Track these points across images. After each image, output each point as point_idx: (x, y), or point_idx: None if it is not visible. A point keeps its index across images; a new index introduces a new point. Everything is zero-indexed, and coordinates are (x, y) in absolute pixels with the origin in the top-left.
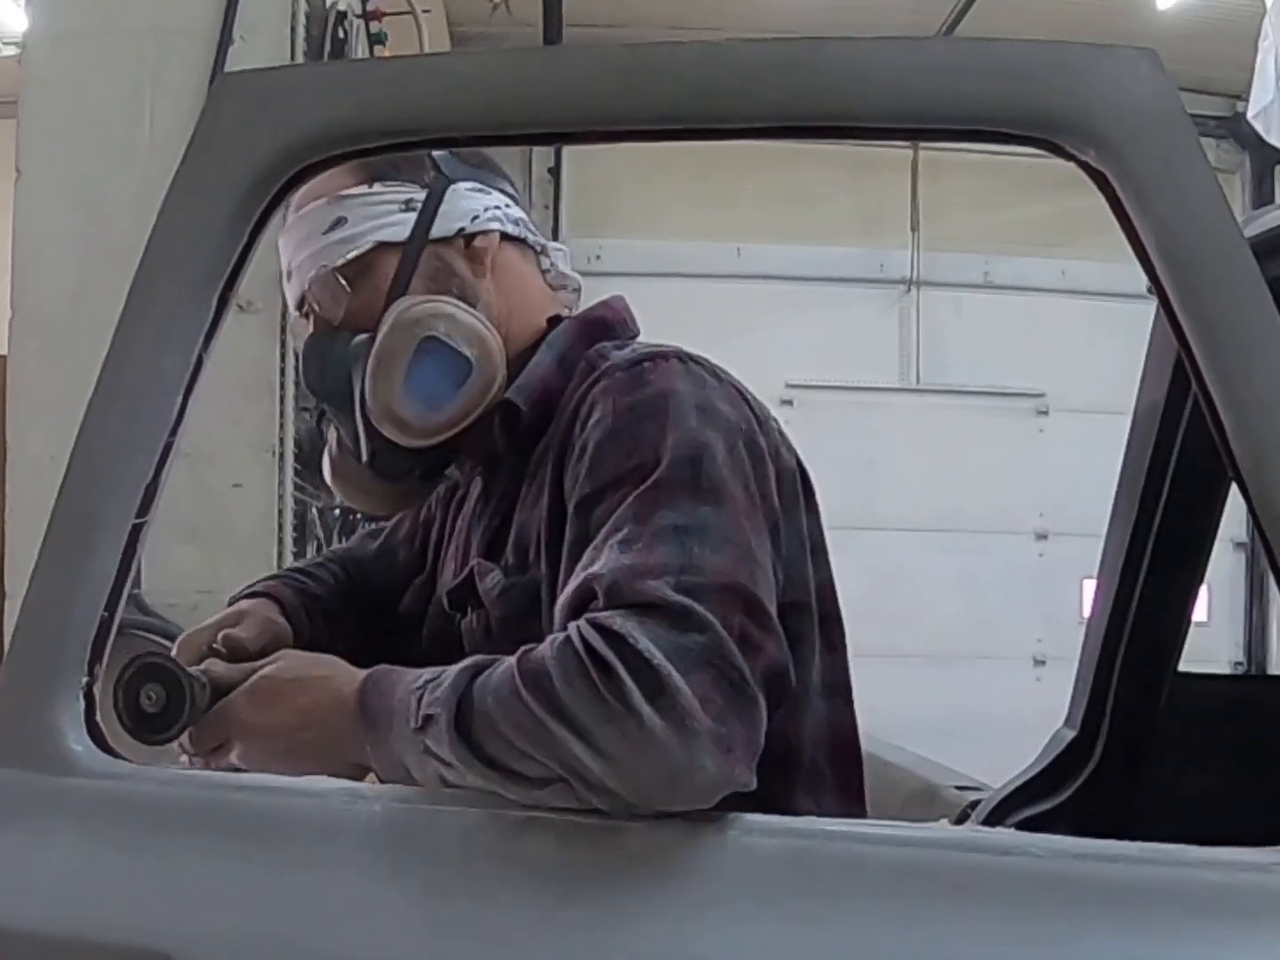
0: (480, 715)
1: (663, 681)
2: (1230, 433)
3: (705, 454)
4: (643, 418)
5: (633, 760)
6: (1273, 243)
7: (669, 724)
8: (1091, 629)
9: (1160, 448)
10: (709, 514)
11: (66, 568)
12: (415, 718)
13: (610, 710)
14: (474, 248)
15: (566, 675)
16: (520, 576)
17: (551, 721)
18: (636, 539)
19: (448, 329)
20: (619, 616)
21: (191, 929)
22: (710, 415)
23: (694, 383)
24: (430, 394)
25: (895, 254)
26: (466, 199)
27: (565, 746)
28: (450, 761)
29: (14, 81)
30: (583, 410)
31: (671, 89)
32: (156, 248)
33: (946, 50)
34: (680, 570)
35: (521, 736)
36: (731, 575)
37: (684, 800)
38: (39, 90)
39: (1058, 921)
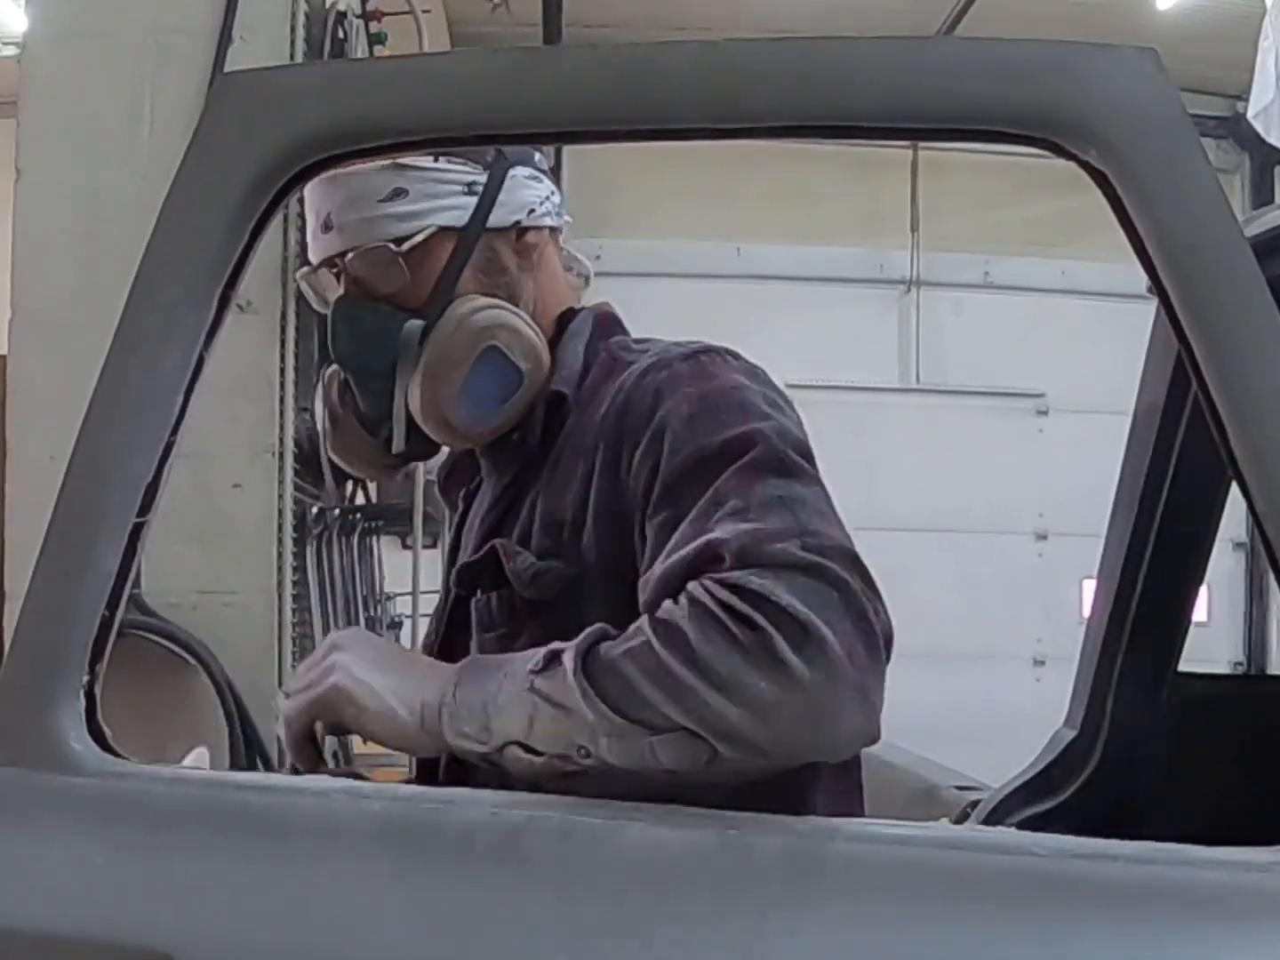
0: (607, 664)
1: (809, 633)
2: (1230, 433)
3: (787, 438)
4: (720, 406)
5: (780, 709)
6: (1273, 243)
7: (818, 673)
8: (1091, 629)
9: (1160, 448)
10: (803, 489)
11: (67, 568)
12: (538, 660)
13: (756, 661)
14: (524, 241)
15: (704, 631)
16: (554, 561)
17: (689, 674)
18: (747, 510)
19: (509, 341)
20: (754, 576)
21: (191, 929)
22: (776, 405)
23: (751, 376)
24: (480, 403)
25: (895, 254)
26: (524, 188)
27: (699, 697)
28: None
29: (14, 81)
30: (637, 398)
31: (671, 89)
32: (157, 248)
33: (946, 50)
34: (801, 534)
35: (651, 685)
36: (842, 541)
37: (827, 749)
38: (39, 90)
39: (1058, 921)
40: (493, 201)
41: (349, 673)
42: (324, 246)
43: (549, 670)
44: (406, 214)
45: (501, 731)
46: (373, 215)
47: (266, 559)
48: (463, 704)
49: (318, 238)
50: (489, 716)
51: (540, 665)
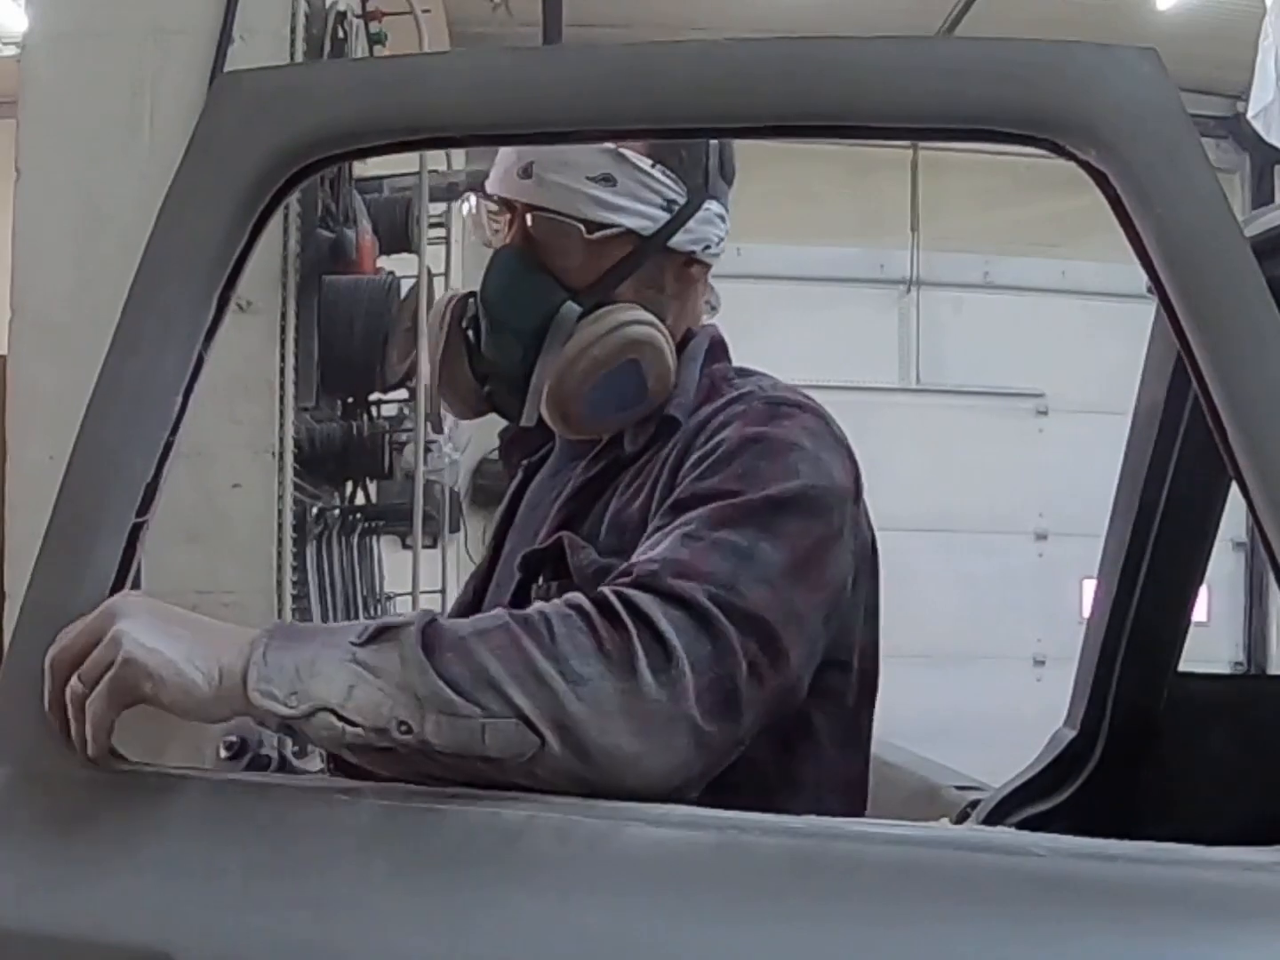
0: (452, 640)
1: (670, 659)
2: (1230, 433)
3: (796, 505)
4: (764, 454)
5: (619, 716)
6: (1273, 243)
7: (664, 694)
8: (1091, 629)
9: (1160, 448)
10: (768, 552)
11: (66, 568)
12: (360, 633)
13: (612, 665)
14: (688, 271)
15: (570, 626)
16: (617, 560)
17: (540, 658)
18: (697, 541)
19: (650, 360)
20: (645, 597)
21: (191, 929)
22: (819, 474)
23: (818, 441)
24: (600, 406)
25: (895, 254)
26: (710, 223)
27: (548, 682)
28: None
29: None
30: (711, 424)
31: (671, 89)
32: (156, 248)
33: (946, 50)
34: (723, 585)
35: (498, 664)
36: (763, 610)
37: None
38: (39, 90)
39: (1058, 921)
40: (683, 224)
41: (139, 644)
42: (516, 189)
43: (376, 643)
44: (607, 202)
45: (314, 696)
46: (577, 188)
47: (266, 559)
48: (273, 665)
49: (511, 177)
50: (301, 679)
51: (365, 637)
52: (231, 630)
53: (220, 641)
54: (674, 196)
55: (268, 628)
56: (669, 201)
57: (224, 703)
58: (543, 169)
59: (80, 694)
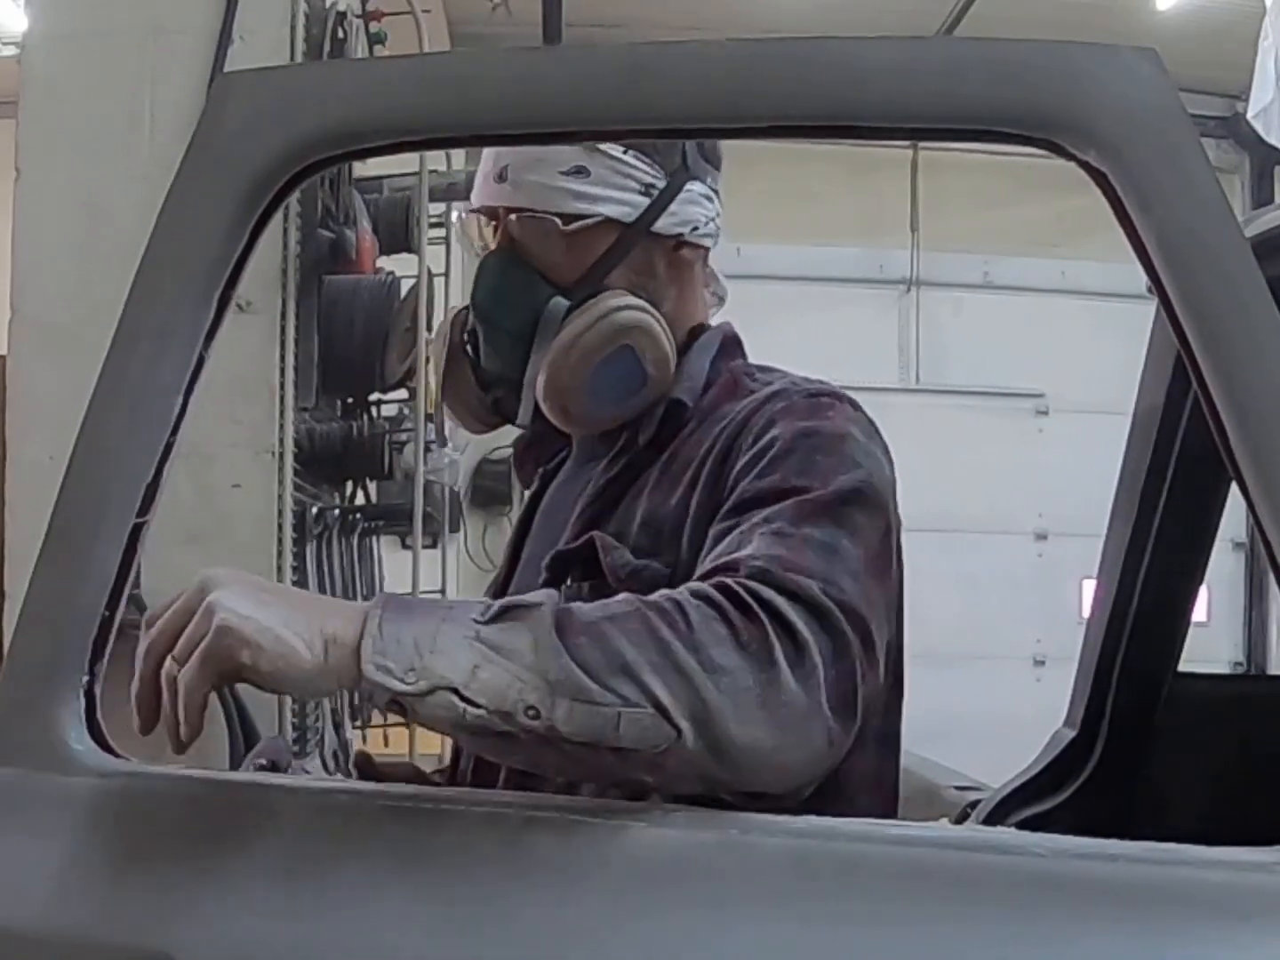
0: (587, 624)
1: (805, 654)
2: (1230, 432)
3: (861, 497)
4: (820, 448)
5: (759, 709)
6: (1273, 243)
7: (802, 689)
8: (1091, 629)
9: (1160, 448)
10: (849, 547)
11: (67, 568)
12: (484, 612)
13: (751, 656)
14: (680, 254)
15: (704, 615)
16: (652, 560)
17: (680, 648)
18: (789, 537)
19: (645, 344)
20: (768, 590)
21: (191, 929)
22: (872, 463)
23: (863, 430)
24: (601, 395)
25: (895, 254)
26: (695, 204)
27: (687, 673)
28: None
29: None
30: (753, 421)
31: (671, 89)
32: (157, 248)
33: (946, 50)
34: (825, 579)
35: (636, 652)
36: (859, 605)
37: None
38: (39, 90)
39: (1058, 921)
40: (665, 207)
41: (234, 611)
42: (493, 194)
43: (502, 622)
44: (582, 194)
45: (436, 674)
46: (550, 184)
47: (266, 559)
48: (389, 637)
49: (489, 184)
50: (421, 654)
51: (491, 616)
52: (334, 602)
53: (324, 611)
54: (652, 180)
55: (381, 598)
56: (646, 186)
57: (331, 675)
58: (517, 171)
59: (175, 675)
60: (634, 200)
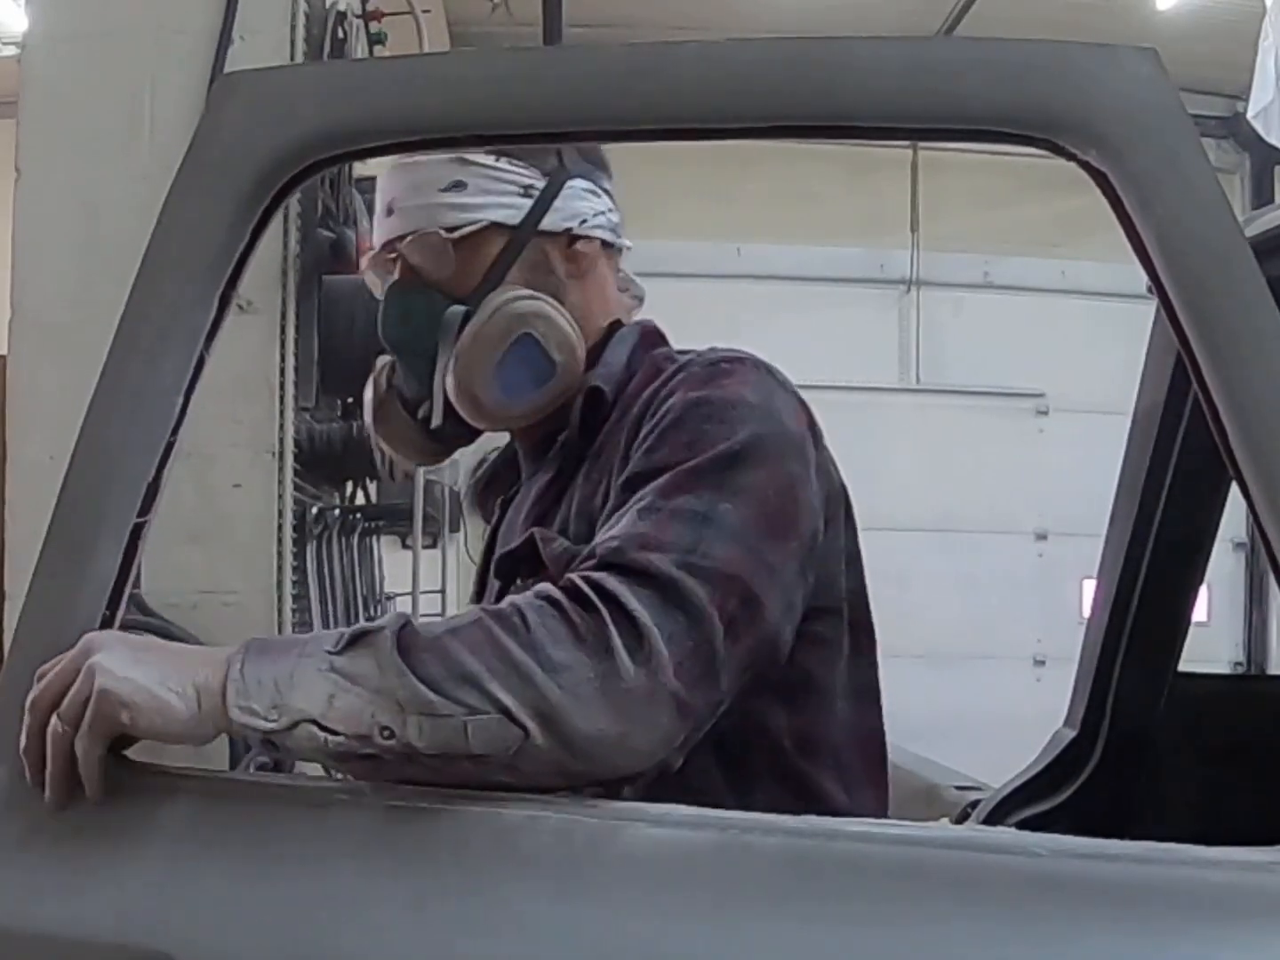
0: (428, 639)
1: (644, 638)
2: (1230, 433)
3: (749, 458)
4: (709, 416)
5: (600, 699)
6: (1273, 243)
7: (642, 673)
8: (1091, 629)
9: (1160, 448)
10: (729, 511)
11: (67, 568)
12: (337, 641)
13: (587, 650)
14: (575, 249)
15: (543, 615)
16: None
17: (517, 650)
18: (655, 511)
19: (545, 330)
20: (612, 578)
21: (191, 929)
22: (769, 423)
23: (762, 391)
24: (513, 387)
25: (895, 254)
26: (580, 199)
27: (527, 673)
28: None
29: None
30: (658, 397)
31: (671, 89)
32: (157, 248)
33: (946, 50)
34: (686, 550)
35: (476, 660)
36: (733, 568)
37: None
38: (39, 90)
39: (1058, 921)
40: (548, 205)
41: (111, 673)
42: (385, 230)
43: (352, 650)
44: (462, 205)
45: (295, 708)
46: (430, 203)
47: (267, 559)
48: (250, 679)
49: (381, 222)
50: (280, 692)
51: (341, 645)
52: (205, 651)
53: (194, 662)
54: (530, 182)
55: (243, 643)
56: (525, 188)
57: (205, 723)
58: (400, 201)
59: (60, 734)
60: (516, 202)
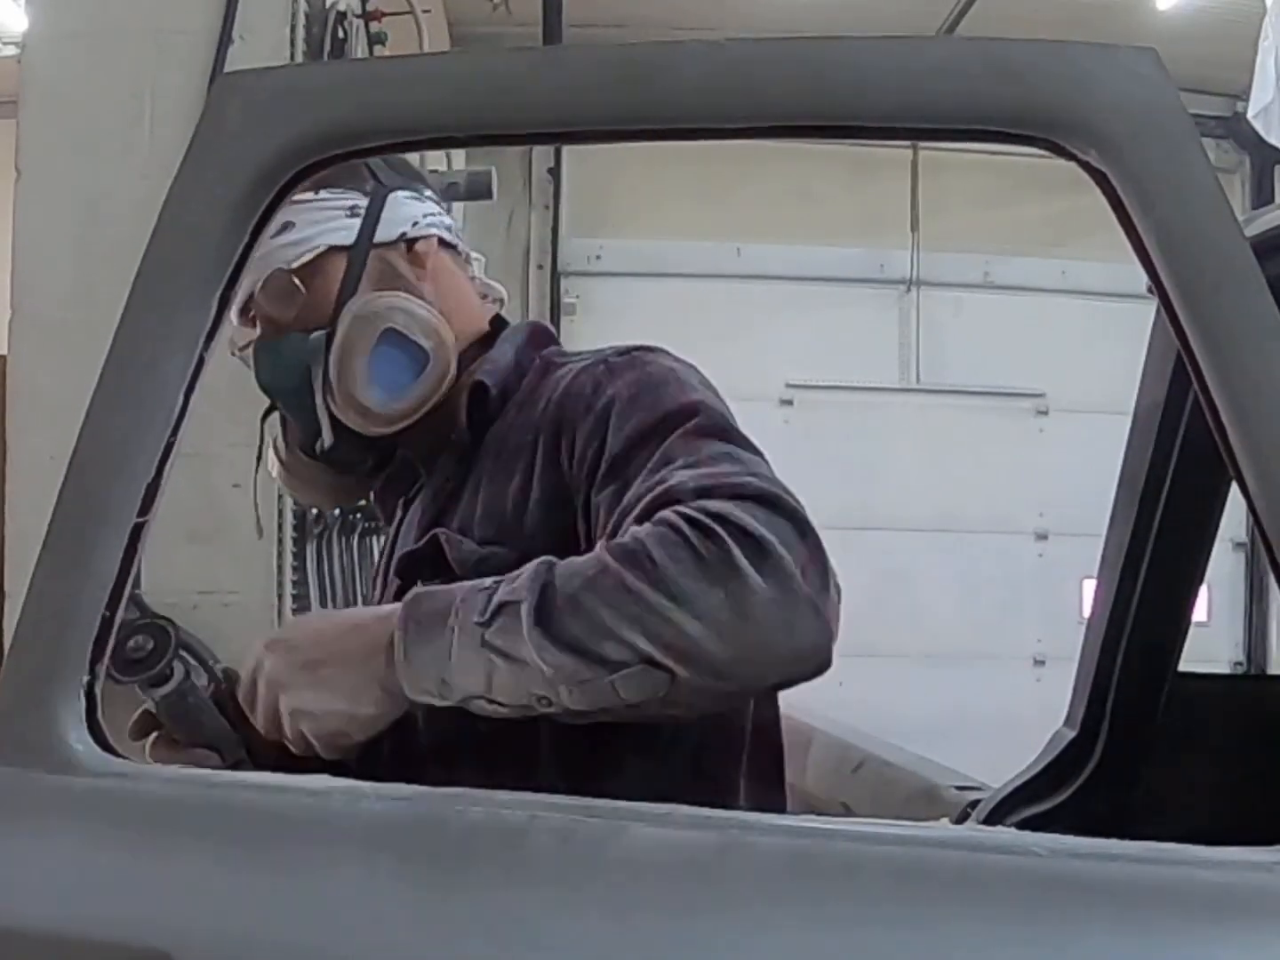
0: (565, 599)
1: (766, 549)
2: (1230, 432)
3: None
4: (659, 384)
5: (737, 621)
6: (1273, 243)
7: (774, 586)
8: (1091, 629)
9: (1160, 448)
10: (746, 454)
11: (67, 567)
12: (484, 611)
13: (716, 573)
14: (415, 251)
15: (666, 546)
16: (499, 548)
17: (649, 592)
18: (698, 464)
19: (406, 321)
20: (713, 502)
21: (191, 929)
22: (707, 391)
23: (684, 367)
24: (391, 383)
25: (895, 254)
26: (405, 205)
27: (662, 614)
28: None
29: (14, 81)
30: (576, 395)
31: (671, 89)
32: (157, 248)
33: (946, 50)
34: (752, 476)
35: (611, 611)
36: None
37: (781, 664)
38: (39, 90)
39: (1058, 921)
40: (377, 217)
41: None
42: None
43: (498, 620)
44: (296, 241)
45: (461, 688)
46: (265, 252)
47: (266, 559)
48: (417, 664)
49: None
50: (444, 674)
51: (488, 617)
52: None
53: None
54: (354, 203)
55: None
56: (350, 208)
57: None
58: None
59: None
60: (345, 224)
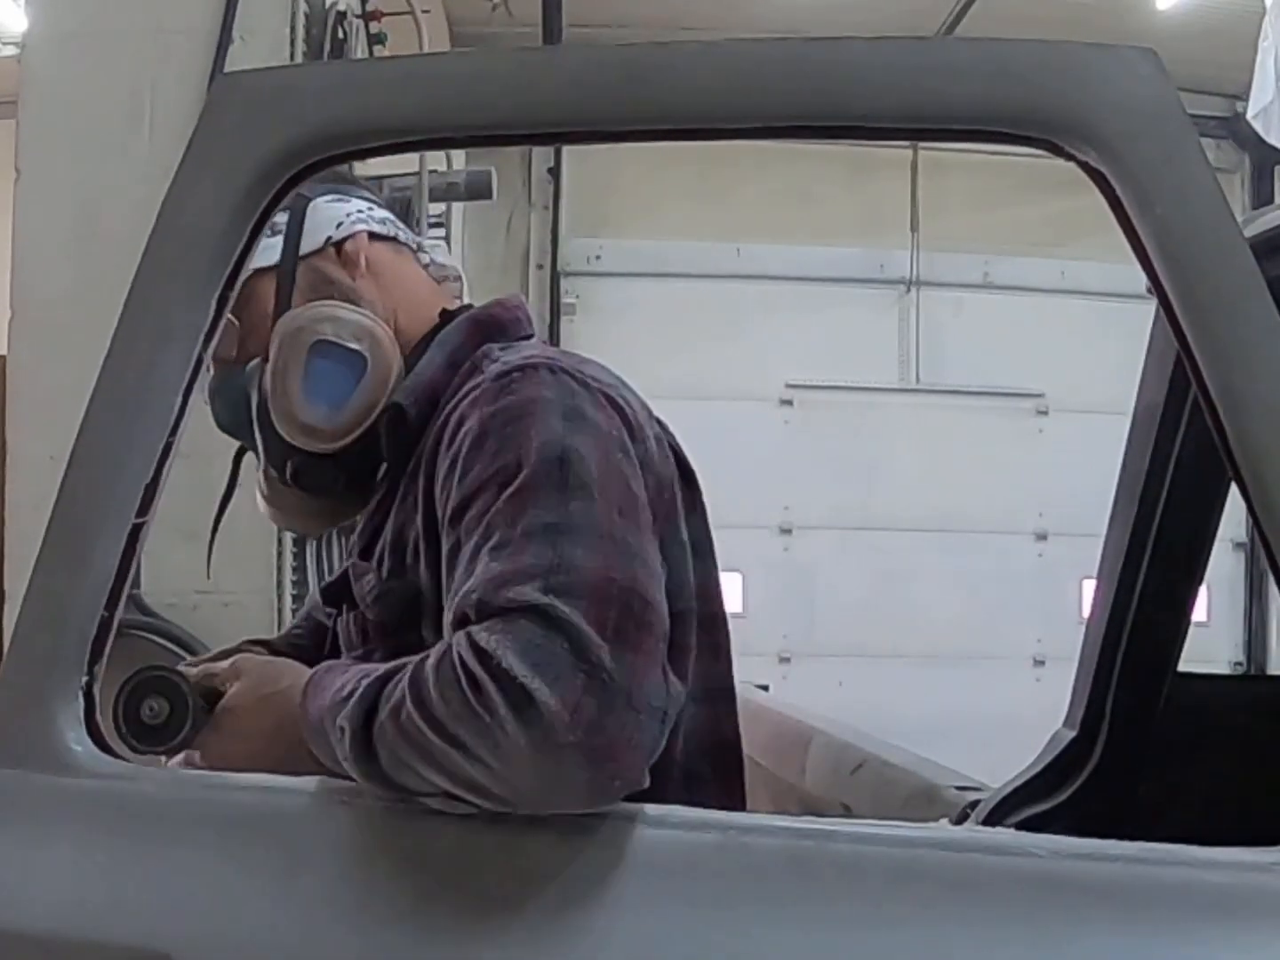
0: (378, 729)
1: (529, 695)
2: (1230, 432)
3: (572, 454)
4: (507, 423)
5: (508, 771)
6: (1273, 243)
7: (535, 738)
8: (1091, 629)
9: (1160, 448)
10: (580, 510)
11: (66, 568)
12: (335, 731)
13: (481, 725)
14: (345, 253)
15: (441, 689)
16: (397, 581)
17: (431, 735)
18: (507, 544)
19: (334, 330)
20: (485, 631)
21: (191, 929)
22: (577, 420)
23: (560, 390)
24: (330, 395)
25: (895, 254)
26: (327, 209)
27: (446, 756)
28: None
29: (14, 81)
30: (452, 419)
31: (671, 89)
32: (156, 248)
33: (946, 50)
34: (548, 571)
35: (409, 750)
36: (605, 570)
37: (565, 807)
38: (39, 90)
39: (1058, 921)
40: (299, 230)
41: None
42: None
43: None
44: None
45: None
46: None
47: (266, 559)
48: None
49: None
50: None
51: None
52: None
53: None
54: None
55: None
56: (272, 227)
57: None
58: None
59: None
60: (269, 243)
